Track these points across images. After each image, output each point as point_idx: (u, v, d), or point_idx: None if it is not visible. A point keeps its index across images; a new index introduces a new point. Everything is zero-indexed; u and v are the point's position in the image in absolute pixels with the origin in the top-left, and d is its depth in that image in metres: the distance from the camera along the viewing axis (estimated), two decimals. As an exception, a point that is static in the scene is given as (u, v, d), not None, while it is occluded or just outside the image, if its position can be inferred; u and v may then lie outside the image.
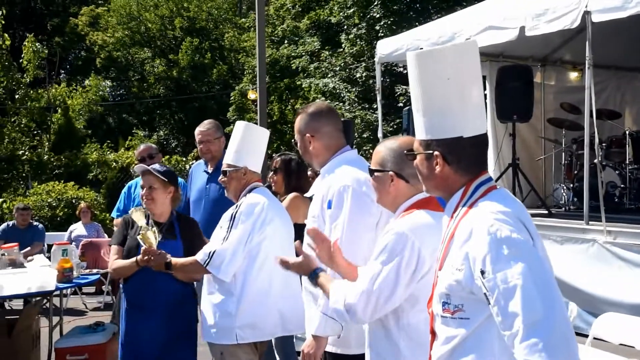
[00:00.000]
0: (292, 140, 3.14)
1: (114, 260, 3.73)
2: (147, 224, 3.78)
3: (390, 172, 2.38)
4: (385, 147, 2.44)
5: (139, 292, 3.74)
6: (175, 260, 3.54)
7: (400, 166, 2.37)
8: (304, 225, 3.13)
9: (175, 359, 3.68)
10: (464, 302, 1.82)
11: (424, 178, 2.00)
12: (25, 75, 18.12)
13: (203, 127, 4.84)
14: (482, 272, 1.73)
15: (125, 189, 5.48)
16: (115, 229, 6.28)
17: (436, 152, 1.91)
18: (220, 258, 3.31)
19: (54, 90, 19.36)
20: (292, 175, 4.65)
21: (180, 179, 4.41)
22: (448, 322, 1.87)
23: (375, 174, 2.43)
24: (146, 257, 3.55)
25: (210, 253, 3.34)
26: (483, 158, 1.98)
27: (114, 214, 5.56)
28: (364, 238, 2.69)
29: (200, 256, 3.39)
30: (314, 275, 2.44)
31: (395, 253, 2.19)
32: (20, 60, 18.20)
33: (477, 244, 1.76)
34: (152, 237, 3.58)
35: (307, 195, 3.17)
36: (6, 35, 17.07)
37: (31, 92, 18.26)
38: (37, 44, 18.25)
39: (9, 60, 17.40)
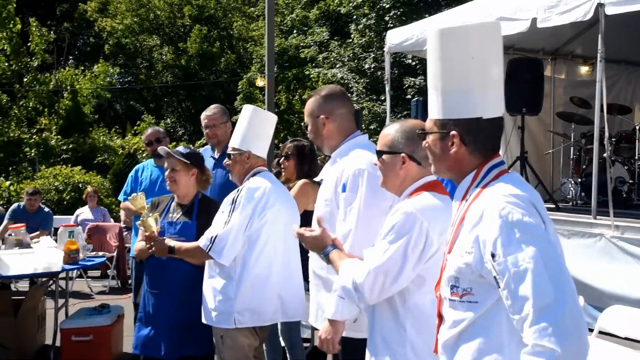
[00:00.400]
0: (302, 123, 3.12)
1: (137, 242, 3.80)
2: (150, 210, 3.85)
3: (403, 154, 2.37)
4: (395, 129, 2.43)
5: (154, 275, 3.81)
6: (179, 245, 3.56)
7: (412, 148, 2.37)
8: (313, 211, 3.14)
9: (188, 342, 3.69)
10: (473, 286, 1.81)
11: (436, 159, 1.96)
12: (33, 59, 18.18)
13: (209, 112, 4.83)
14: (493, 255, 1.72)
15: (132, 173, 5.48)
16: (121, 212, 6.30)
17: (453, 132, 1.88)
18: (222, 243, 3.33)
19: (60, 74, 19.35)
20: (305, 162, 4.64)
21: None
22: (456, 306, 1.85)
23: (385, 156, 2.41)
24: (148, 245, 3.61)
25: (212, 238, 3.35)
26: (498, 141, 1.96)
27: (120, 197, 5.57)
28: (379, 221, 2.67)
29: (202, 241, 3.41)
30: (326, 252, 2.43)
31: (403, 232, 2.19)
32: (29, 44, 18.25)
33: (489, 227, 1.74)
34: (153, 224, 3.62)
35: (316, 179, 3.15)
36: (17, 19, 17.11)
37: (39, 75, 18.31)
38: (42, 28, 18.28)
39: (19, 43, 17.47)
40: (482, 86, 1.88)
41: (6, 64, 17.74)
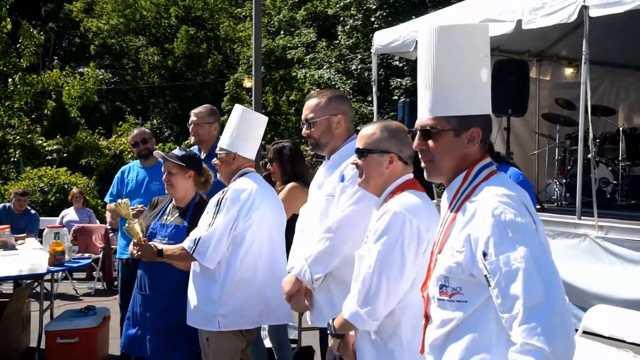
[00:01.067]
0: (302, 121, 3.11)
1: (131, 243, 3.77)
2: (149, 210, 3.94)
3: (392, 154, 2.39)
4: (381, 129, 2.44)
5: (144, 277, 3.80)
6: (166, 247, 3.55)
7: (400, 148, 2.40)
8: None
9: (175, 345, 3.67)
10: (463, 285, 1.82)
11: (441, 158, 1.91)
12: (22, 60, 18.06)
13: (196, 110, 4.87)
14: (485, 254, 1.73)
15: (118, 174, 5.46)
16: (107, 214, 6.26)
17: (475, 129, 1.88)
18: (205, 245, 3.31)
19: (48, 76, 19.20)
20: (286, 163, 4.62)
21: None
22: (445, 305, 1.86)
23: (371, 155, 2.41)
24: (135, 249, 3.61)
25: (195, 240, 3.34)
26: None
27: (107, 198, 5.55)
28: (364, 221, 2.67)
29: (186, 243, 3.39)
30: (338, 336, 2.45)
31: (395, 233, 2.21)
32: (18, 45, 18.11)
33: (481, 226, 1.76)
34: (138, 229, 3.63)
35: (312, 185, 3.17)
36: (8, 19, 17.00)
37: (27, 76, 18.17)
38: (33, 30, 18.16)
39: (8, 44, 17.34)
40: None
41: None
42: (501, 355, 1.74)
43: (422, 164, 1.96)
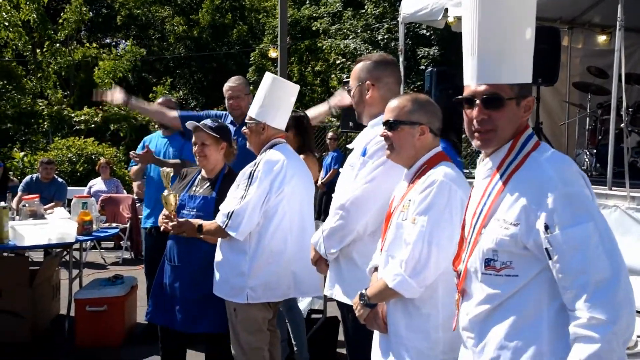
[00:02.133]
0: (345, 87, 3.06)
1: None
2: (178, 182, 3.92)
3: (423, 125, 2.40)
4: (411, 101, 2.43)
5: (172, 248, 3.80)
6: (205, 223, 3.52)
7: (430, 119, 2.41)
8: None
9: (203, 317, 3.68)
10: (514, 259, 1.77)
11: (507, 126, 1.84)
12: (58, 33, 18.32)
13: (233, 83, 4.79)
14: (547, 227, 1.69)
15: (141, 144, 5.49)
16: (134, 184, 6.34)
17: (531, 97, 1.86)
18: (238, 218, 3.29)
19: (81, 50, 19.34)
20: (303, 133, 4.59)
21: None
22: (491, 280, 1.81)
23: (402, 126, 2.40)
24: (165, 222, 3.60)
25: (229, 214, 3.31)
26: None
27: (130, 166, 5.65)
28: (382, 197, 2.64)
29: (220, 218, 3.37)
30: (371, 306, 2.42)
31: (443, 202, 2.25)
32: (58, 19, 18.39)
33: (542, 199, 1.70)
34: (173, 201, 3.62)
35: (349, 146, 3.11)
36: None
37: (61, 49, 18.40)
38: (82, 6, 18.44)
39: (44, 16, 17.61)
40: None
41: (27, 37, 17.83)
42: (550, 333, 1.72)
43: (478, 134, 1.86)
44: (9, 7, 17.19)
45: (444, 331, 2.26)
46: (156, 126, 5.62)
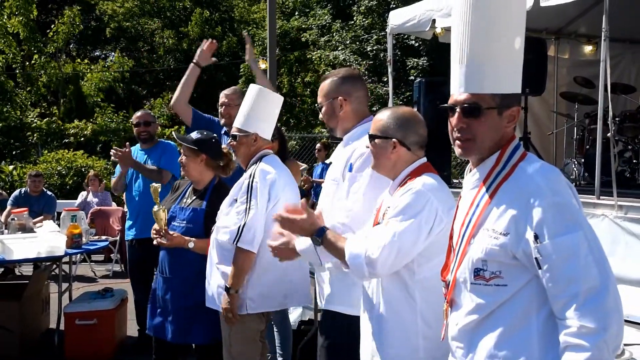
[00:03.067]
0: (316, 104, 3.08)
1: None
2: (170, 194, 3.97)
3: (394, 140, 2.43)
4: (388, 115, 2.48)
5: (163, 260, 3.82)
6: (197, 243, 3.58)
7: (403, 134, 2.44)
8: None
9: (194, 328, 3.69)
10: (503, 269, 1.78)
11: (486, 136, 1.86)
12: (49, 45, 18.34)
13: (228, 91, 4.88)
14: (537, 237, 1.70)
15: None
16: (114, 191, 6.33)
17: (516, 107, 1.85)
18: (250, 231, 3.27)
19: (71, 65, 19.33)
20: (284, 143, 4.62)
21: None
22: (481, 290, 1.82)
23: (377, 140, 2.46)
24: (155, 236, 3.62)
25: (239, 229, 3.28)
26: None
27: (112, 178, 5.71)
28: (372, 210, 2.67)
29: (225, 237, 3.35)
30: (321, 233, 2.40)
31: (416, 210, 2.25)
32: (48, 31, 18.39)
33: (531, 209, 1.72)
34: (163, 216, 3.65)
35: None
36: (34, 5, 17.29)
37: (53, 62, 18.40)
38: (76, 18, 18.48)
39: (34, 28, 17.62)
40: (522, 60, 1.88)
41: (17, 49, 17.81)
42: (540, 343, 1.73)
43: (458, 142, 1.88)
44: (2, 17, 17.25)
45: (424, 339, 2.29)
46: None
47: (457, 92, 1.86)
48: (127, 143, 5.36)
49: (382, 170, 2.49)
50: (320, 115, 3.02)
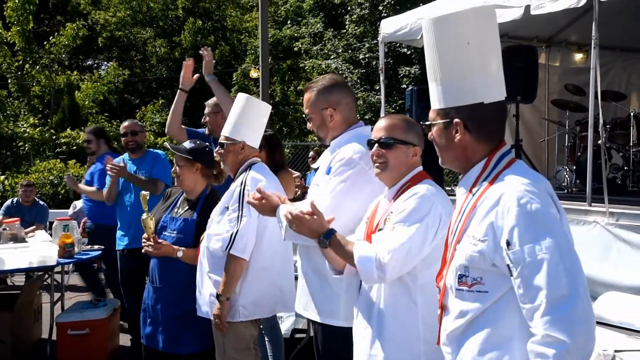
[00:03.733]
0: (304, 115, 3.07)
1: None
2: (162, 203, 3.97)
3: (417, 147, 2.49)
4: (404, 121, 2.52)
5: (153, 269, 3.82)
6: (185, 252, 3.60)
7: (421, 142, 2.50)
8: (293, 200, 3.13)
9: (185, 337, 3.69)
10: (484, 275, 1.80)
11: (441, 149, 1.96)
12: (45, 57, 18.39)
13: (211, 101, 4.90)
14: (508, 243, 1.71)
15: None
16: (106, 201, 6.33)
17: (456, 120, 1.88)
18: (243, 239, 3.28)
19: (65, 74, 19.33)
20: (275, 151, 4.61)
21: None
22: (464, 296, 1.84)
23: (398, 145, 2.46)
24: (145, 244, 3.63)
25: (231, 236, 3.28)
26: (503, 126, 1.96)
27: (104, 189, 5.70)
28: (343, 214, 2.67)
29: (217, 244, 3.35)
30: (328, 235, 2.40)
31: (422, 214, 2.28)
32: (45, 43, 18.45)
33: (506, 215, 1.73)
34: (152, 224, 3.66)
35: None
36: (31, 17, 17.36)
37: (46, 72, 18.41)
38: (78, 30, 18.54)
39: (30, 39, 17.66)
40: (481, 71, 1.87)
41: (11, 59, 17.81)
42: (523, 348, 1.73)
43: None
44: None
45: (426, 343, 2.29)
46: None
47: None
48: (123, 158, 5.36)
49: (391, 177, 2.48)
50: (309, 125, 3.01)
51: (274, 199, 2.65)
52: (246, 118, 3.48)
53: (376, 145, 2.49)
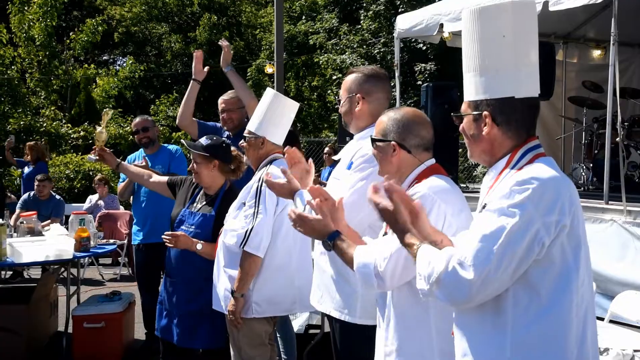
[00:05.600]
0: (335, 97, 3.06)
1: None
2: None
3: (393, 142, 2.36)
4: (389, 118, 2.42)
5: (169, 263, 3.84)
6: (205, 248, 3.61)
7: (402, 136, 2.36)
8: None
9: (200, 332, 3.71)
10: None
11: (470, 142, 1.96)
12: (65, 52, 18.61)
13: (226, 96, 4.84)
14: (484, 206, 1.78)
15: (126, 162, 5.54)
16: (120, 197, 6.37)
17: (485, 112, 1.87)
18: (258, 236, 3.28)
19: (82, 68, 19.48)
20: (293, 147, 4.58)
21: None
22: None
23: (377, 143, 2.40)
24: (166, 239, 3.65)
25: (246, 232, 3.29)
26: (533, 122, 1.93)
27: (119, 183, 5.76)
28: (361, 211, 2.59)
29: (232, 240, 3.36)
30: (332, 238, 2.31)
31: None
32: (66, 39, 18.67)
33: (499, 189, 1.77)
34: (104, 138, 4.29)
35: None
36: (55, 13, 17.64)
37: (63, 67, 18.60)
38: (98, 27, 18.80)
39: (52, 34, 17.89)
40: (515, 65, 1.86)
41: (35, 54, 18.02)
42: (515, 331, 1.75)
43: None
44: (25, 24, 17.52)
45: (442, 355, 2.18)
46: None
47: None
48: (145, 157, 5.38)
49: (386, 174, 2.38)
50: (339, 108, 3.00)
51: (295, 183, 2.58)
52: (270, 114, 3.47)
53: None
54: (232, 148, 3.90)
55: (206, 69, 4.85)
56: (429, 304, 2.19)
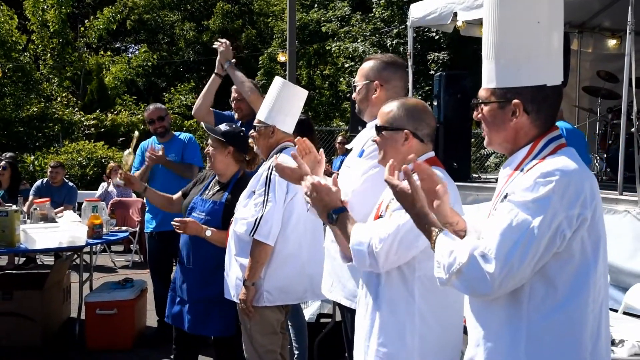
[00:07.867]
0: (352, 83, 3.03)
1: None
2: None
3: (406, 131, 2.36)
4: (397, 106, 2.40)
5: (182, 249, 3.86)
6: (215, 235, 3.61)
7: (415, 125, 2.36)
8: None
9: (211, 320, 3.72)
10: None
11: (492, 129, 1.90)
12: (79, 39, 18.73)
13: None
14: (505, 196, 1.75)
15: (138, 151, 5.55)
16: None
17: (515, 101, 1.82)
18: (268, 224, 3.28)
19: (97, 57, 19.57)
20: (306, 136, 4.55)
21: None
22: None
23: (386, 132, 2.38)
24: (176, 224, 3.67)
25: (256, 221, 3.29)
26: (557, 111, 1.90)
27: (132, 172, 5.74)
28: (371, 199, 2.55)
29: (242, 228, 3.36)
30: (337, 212, 2.29)
31: None
32: (80, 26, 18.78)
33: (518, 185, 1.74)
34: (129, 160, 4.35)
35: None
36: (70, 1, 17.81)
37: (76, 54, 18.70)
38: (115, 16, 18.94)
39: (65, 21, 18.00)
40: (547, 52, 1.82)
41: (48, 41, 18.13)
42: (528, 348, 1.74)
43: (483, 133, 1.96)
44: (39, 10, 17.64)
45: (421, 339, 2.21)
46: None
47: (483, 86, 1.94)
48: (161, 146, 5.38)
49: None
50: (354, 95, 2.97)
51: (306, 168, 2.54)
52: (279, 103, 3.46)
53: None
54: (250, 140, 3.90)
55: (233, 60, 4.77)
56: (414, 289, 2.23)
